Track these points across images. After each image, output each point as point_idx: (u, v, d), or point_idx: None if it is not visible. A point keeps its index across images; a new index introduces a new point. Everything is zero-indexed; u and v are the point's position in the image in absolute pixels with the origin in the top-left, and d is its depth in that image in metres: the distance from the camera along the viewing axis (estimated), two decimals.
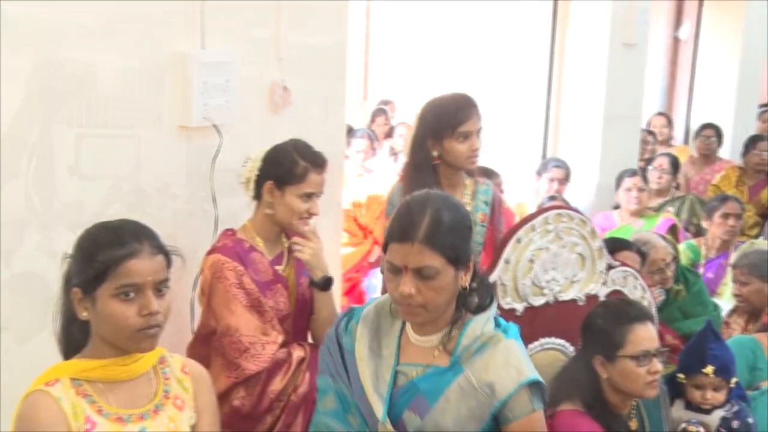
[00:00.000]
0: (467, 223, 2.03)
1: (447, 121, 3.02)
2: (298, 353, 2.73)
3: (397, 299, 1.99)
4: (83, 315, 1.87)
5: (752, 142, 6.41)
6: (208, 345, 2.72)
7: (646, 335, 2.59)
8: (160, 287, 1.87)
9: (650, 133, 7.07)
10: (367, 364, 2.05)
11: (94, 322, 1.87)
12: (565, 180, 5.38)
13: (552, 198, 5.05)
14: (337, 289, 3.54)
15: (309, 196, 2.72)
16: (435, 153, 3.05)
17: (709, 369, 2.77)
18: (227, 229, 2.82)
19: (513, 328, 2.08)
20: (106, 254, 1.82)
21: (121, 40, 2.68)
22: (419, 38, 8.06)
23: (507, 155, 5.80)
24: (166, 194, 2.88)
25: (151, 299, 1.84)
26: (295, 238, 2.77)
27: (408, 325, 2.08)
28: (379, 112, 7.81)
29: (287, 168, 2.71)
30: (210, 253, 2.74)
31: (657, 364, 2.57)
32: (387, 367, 2.06)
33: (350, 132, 6.33)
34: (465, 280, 2.01)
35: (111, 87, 2.68)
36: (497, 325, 2.07)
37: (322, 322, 2.80)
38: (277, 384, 2.67)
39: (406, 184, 3.14)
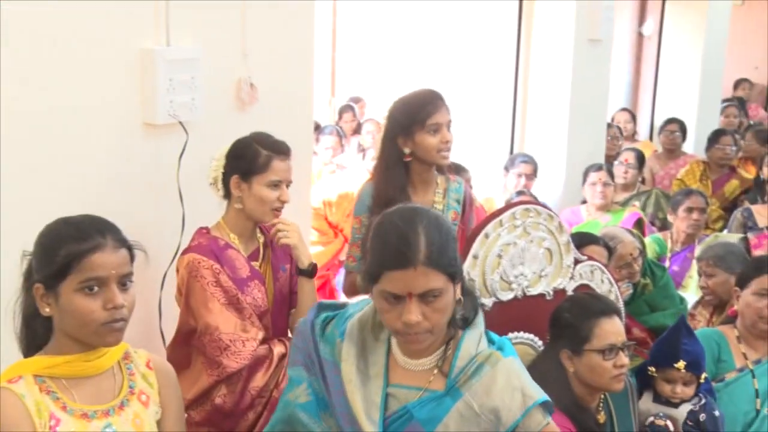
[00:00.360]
0: (453, 232, 1.92)
1: (416, 115, 3.00)
2: (278, 349, 2.72)
3: (400, 329, 1.82)
4: (46, 311, 1.85)
5: (715, 137, 6.47)
6: (189, 344, 2.70)
7: (612, 329, 2.60)
8: (124, 281, 1.86)
9: (619, 129, 7.11)
10: (356, 387, 1.89)
11: (58, 318, 1.85)
12: (532, 175, 5.39)
13: (520, 193, 5.07)
14: None
15: (276, 185, 2.71)
16: (406, 150, 3.03)
17: (681, 364, 2.79)
18: (201, 228, 2.79)
19: (507, 344, 1.96)
20: (69, 248, 1.81)
21: (86, 37, 2.64)
22: (386, 35, 8.04)
23: (475, 151, 5.81)
24: (133, 191, 2.84)
25: (116, 293, 1.83)
26: (279, 225, 2.76)
27: (396, 347, 1.93)
28: (347, 108, 7.80)
29: (250, 159, 2.70)
30: (185, 252, 2.72)
31: (623, 358, 2.58)
32: (377, 389, 1.90)
33: (318, 129, 6.33)
34: (458, 293, 1.88)
35: (76, 84, 2.63)
36: (490, 341, 1.95)
37: (304, 312, 2.77)
38: (258, 381, 2.66)
39: (377, 182, 3.12)
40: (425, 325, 1.80)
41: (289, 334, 2.88)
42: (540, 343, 2.89)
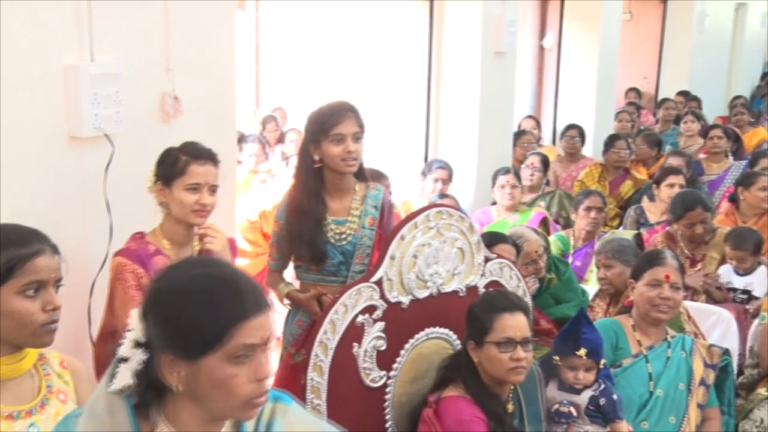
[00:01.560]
0: None
1: (322, 125, 3.00)
2: None
3: (253, 391, 1.47)
4: None
5: (611, 141, 6.63)
6: (112, 343, 2.62)
7: (511, 324, 2.63)
8: (58, 285, 1.90)
9: (533, 135, 7.21)
10: None
11: None
12: (448, 180, 5.43)
13: (443, 196, 5.09)
14: None
15: (195, 188, 2.66)
16: (316, 157, 3.02)
17: (582, 351, 2.83)
18: (136, 233, 2.76)
19: (281, 393, 1.65)
20: (11, 253, 1.82)
21: (9, 53, 2.54)
22: (308, 48, 8.02)
23: (392, 157, 5.83)
24: (61, 203, 2.76)
25: (54, 295, 1.87)
26: (207, 230, 2.72)
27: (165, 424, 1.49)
28: (270, 119, 7.73)
29: (169, 164, 2.68)
30: (115, 255, 2.70)
31: (520, 352, 2.61)
32: None
33: (242, 138, 6.26)
34: None
35: (1, 100, 2.53)
36: None
37: None
38: None
39: (292, 189, 3.14)
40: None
41: None
42: (455, 337, 2.91)
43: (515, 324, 2.63)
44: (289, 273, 3.33)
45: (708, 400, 3.11)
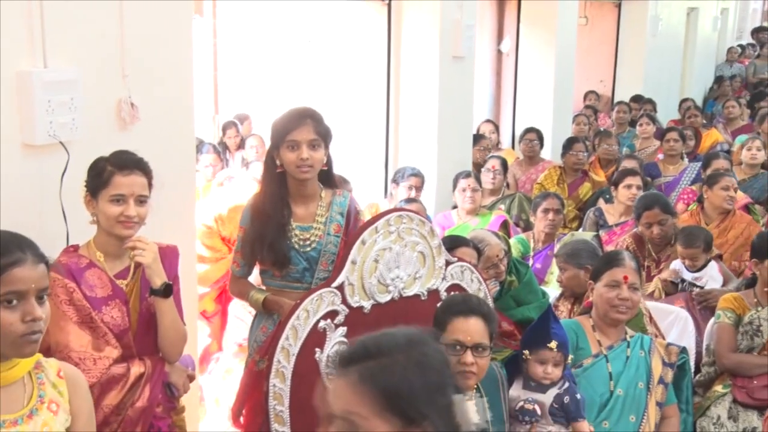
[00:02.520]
0: None
1: (280, 131, 2.99)
2: (136, 369, 2.61)
3: None
4: None
5: (569, 144, 6.70)
6: None
7: (462, 328, 2.63)
8: (41, 294, 1.87)
9: (483, 137, 7.24)
10: None
11: None
12: (420, 187, 5.45)
13: (410, 201, 5.10)
14: (193, 303, 3.44)
15: (119, 199, 2.58)
16: (278, 162, 3.01)
17: (554, 344, 2.86)
18: (69, 246, 2.70)
19: None
20: None
21: None
22: (266, 53, 7.97)
23: (352, 161, 5.82)
24: (16, 211, 2.70)
25: (35, 306, 1.84)
26: (135, 243, 2.62)
27: None
28: (230, 125, 7.68)
29: (94, 176, 2.61)
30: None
31: (468, 357, 2.61)
32: None
33: (197, 148, 6.20)
34: None
35: None
36: None
37: (164, 332, 2.68)
38: (112, 399, 2.56)
39: (258, 193, 3.12)
40: None
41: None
42: None
43: (467, 328, 2.63)
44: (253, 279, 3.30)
45: (666, 398, 3.15)
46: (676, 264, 4.53)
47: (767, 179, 6.42)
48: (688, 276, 4.46)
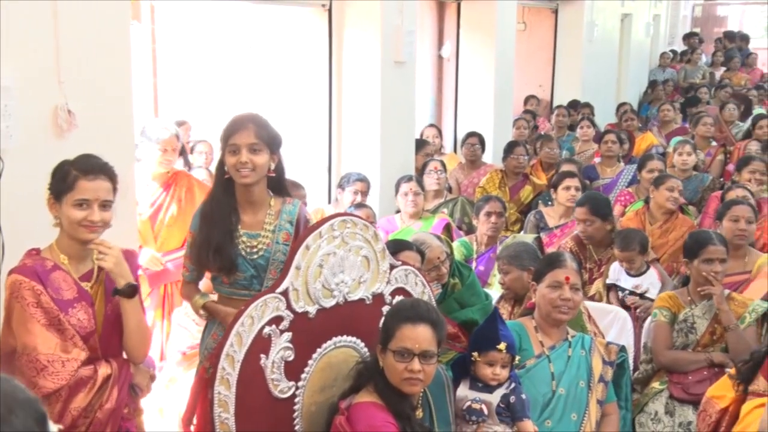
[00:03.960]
0: None
1: (223, 136, 2.99)
2: (103, 370, 2.62)
3: None
4: None
5: (510, 148, 6.78)
6: (12, 364, 2.56)
7: (410, 335, 2.64)
8: None
9: (427, 144, 7.26)
10: None
11: None
12: (366, 192, 5.45)
13: (360, 206, 5.09)
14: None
15: (82, 204, 2.59)
16: (226, 168, 2.99)
17: (503, 345, 2.90)
18: (32, 249, 2.67)
19: None
20: None
21: None
22: (207, 59, 7.89)
23: (295, 166, 5.80)
24: None
25: None
26: (98, 246, 2.63)
27: None
28: None
29: (59, 179, 2.61)
30: (10, 273, 2.60)
31: (416, 364, 2.62)
32: None
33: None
34: None
35: None
36: None
37: (129, 333, 2.70)
38: (80, 401, 2.56)
39: (207, 199, 3.11)
40: None
41: (124, 355, 2.78)
42: (363, 345, 2.92)
43: (415, 336, 2.64)
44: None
45: (606, 395, 3.21)
46: (614, 268, 4.61)
47: (700, 181, 6.61)
48: (628, 284, 4.54)
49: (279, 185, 3.12)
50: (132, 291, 2.67)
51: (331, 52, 5.92)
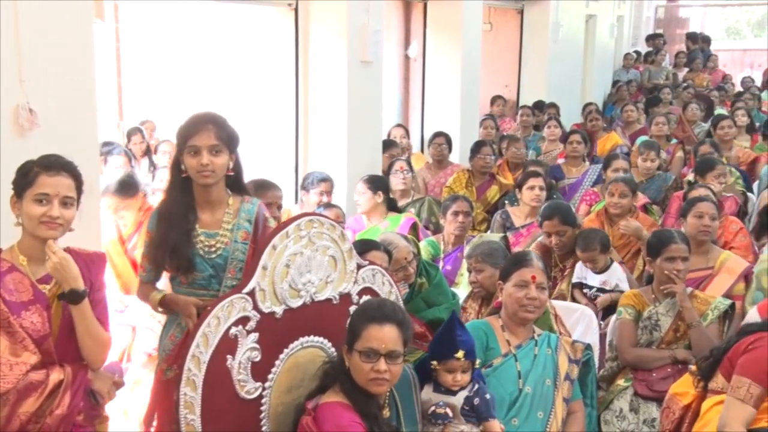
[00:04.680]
0: None
1: (182, 137, 2.96)
2: (56, 375, 2.57)
3: None
4: None
5: (477, 148, 6.81)
6: None
7: (377, 335, 2.65)
8: None
9: (394, 145, 7.26)
10: None
11: None
12: (331, 192, 5.43)
13: (328, 206, 5.08)
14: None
15: (42, 199, 2.56)
16: (183, 167, 2.97)
17: (461, 353, 2.90)
18: None
19: None
20: None
21: None
22: (172, 57, 7.83)
23: (262, 166, 5.78)
24: None
25: None
26: (46, 249, 2.58)
27: None
28: (135, 131, 7.50)
29: (21, 176, 2.59)
30: None
31: (382, 364, 2.63)
32: None
33: (108, 151, 6.07)
34: None
35: None
36: None
37: (80, 337, 2.64)
38: (29, 405, 2.51)
39: (163, 199, 3.08)
40: None
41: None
42: (330, 345, 2.91)
43: (381, 336, 2.64)
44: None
45: (572, 393, 3.24)
46: (580, 267, 4.66)
47: (663, 180, 6.69)
48: (595, 281, 4.59)
49: (237, 184, 3.10)
50: (76, 297, 2.60)
51: (297, 52, 5.90)
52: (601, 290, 4.56)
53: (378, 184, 5.55)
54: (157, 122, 8.01)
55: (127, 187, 4.45)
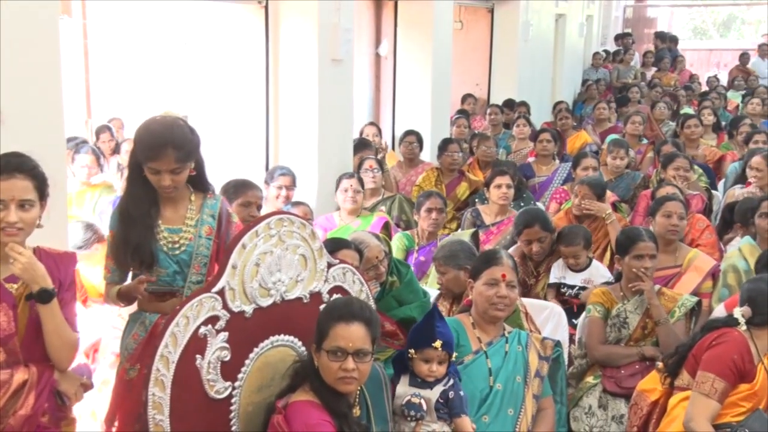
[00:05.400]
0: None
1: (141, 153, 2.91)
2: (20, 375, 2.54)
3: None
4: None
5: (444, 145, 6.82)
6: None
7: (344, 334, 2.65)
8: None
9: (368, 147, 7.20)
10: None
11: None
12: (292, 186, 5.39)
13: (295, 204, 5.06)
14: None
15: None
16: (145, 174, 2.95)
17: (438, 343, 2.91)
18: None
19: None
20: None
21: None
22: (141, 55, 7.75)
23: (233, 164, 5.75)
24: None
25: None
26: (9, 251, 2.54)
27: None
28: (103, 129, 7.42)
29: None
30: None
31: (350, 363, 2.63)
32: None
33: (76, 149, 6.01)
34: None
35: None
36: None
37: (47, 338, 2.61)
38: None
39: (123, 196, 3.05)
40: None
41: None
42: (300, 344, 2.90)
43: (349, 335, 2.64)
44: None
45: (542, 390, 3.26)
46: (558, 266, 4.66)
47: (631, 179, 6.76)
48: (576, 280, 4.60)
49: (199, 181, 3.07)
50: (45, 296, 2.56)
51: (267, 50, 5.87)
52: (583, 289, 4.57)
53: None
54: (126, 120, 7.93)
55: (83, 240, 4.31)
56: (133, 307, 3.13)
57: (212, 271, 2.94)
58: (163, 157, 2.86)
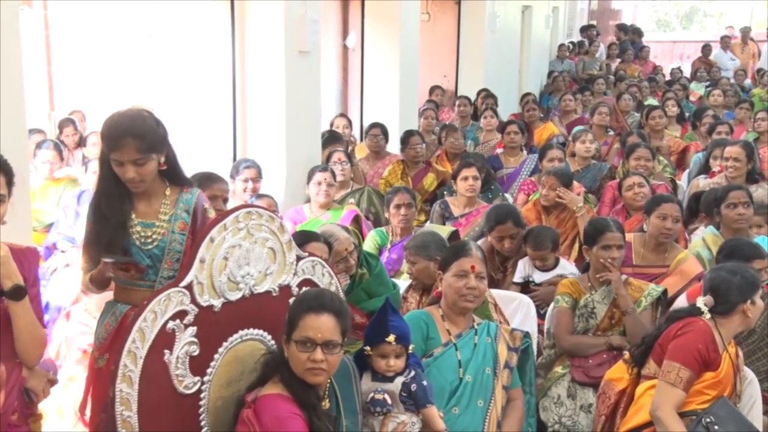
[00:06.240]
0: None
1: (104, 144, 2.87)
2: None
3: None
4: None
5: (406, 138, 6.84)
6: None
7: (313, 324, 2.64)
8: None
9: (339, 140, 7.18)
10: None
11: None
12: (258, 178, 5.35)
13: (260, 196, 5.01)
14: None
15: None
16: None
17: (392, 338, 2.90)
18: None
19: None
20: None
21: None
22: (105, 46, 7.65)
23: (200, 157, 5.69)
24: None
25: None
26: None
27: None
28: (67, 122, 7.31)
29: None
30: None
31: (318, 354, 2.62)
32: None
33: (38, 144, 5.92)
34: None
35: None
36: None
37: (18, 335, 2.59)
38: None
39: (96, 192, 3.00)
40: None
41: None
42: (270, 338, 2.89)
43: (318, 325, 2.63)
44: None
45: (512, 381, 3.28)
46: (524, 263, 4.66)
47: (598, 170, 6.82)
48: (543, 278, 4.61)
49: (174, 175, 3.02)
50: (18, 293, 2.54)
51: (234, 41, 5.82)
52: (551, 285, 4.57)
53: None
54: (90, 112, 7.82)
55: None
56: (109, 296, 3.09)
57: (187, 265, 2.90)
58: (123, 148, 2.81)
